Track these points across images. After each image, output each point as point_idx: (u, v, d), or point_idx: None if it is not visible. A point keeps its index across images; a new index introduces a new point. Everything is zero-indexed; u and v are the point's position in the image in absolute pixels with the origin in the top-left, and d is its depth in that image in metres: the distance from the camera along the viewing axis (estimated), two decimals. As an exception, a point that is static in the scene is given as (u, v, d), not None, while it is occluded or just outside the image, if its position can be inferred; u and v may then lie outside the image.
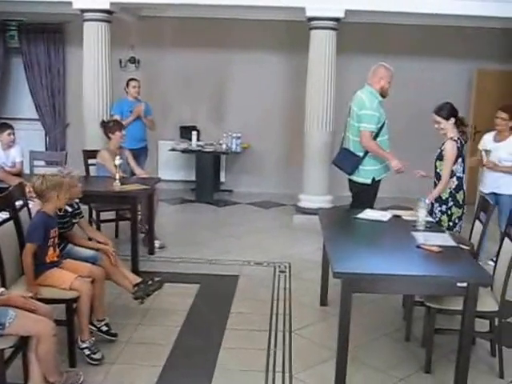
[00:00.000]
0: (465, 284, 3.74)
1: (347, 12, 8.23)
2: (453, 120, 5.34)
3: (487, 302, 4.25)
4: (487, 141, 6.56)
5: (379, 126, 5.95)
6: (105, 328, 4.64)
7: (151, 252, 6.90)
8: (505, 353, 4.37)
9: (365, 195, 6.07)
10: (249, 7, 8.97)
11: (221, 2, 8.68)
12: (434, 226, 4.95)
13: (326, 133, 8.58)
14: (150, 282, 5.01)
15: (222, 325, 5.05)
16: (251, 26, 10.25)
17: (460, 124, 5.43)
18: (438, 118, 5.37)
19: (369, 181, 6.05)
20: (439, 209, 5.35)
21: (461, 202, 5.35)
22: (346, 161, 6.12)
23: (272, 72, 10.53)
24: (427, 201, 5.09)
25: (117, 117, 8.11)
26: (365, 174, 6.05)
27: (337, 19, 8.34)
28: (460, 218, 5.37)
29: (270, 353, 4.59)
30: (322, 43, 8.45)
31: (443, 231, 4.87)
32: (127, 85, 8.45)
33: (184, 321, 5.11)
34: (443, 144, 5.38)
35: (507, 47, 10.25)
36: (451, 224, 5.31)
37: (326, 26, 8.39)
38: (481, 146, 6.65)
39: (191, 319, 5.17)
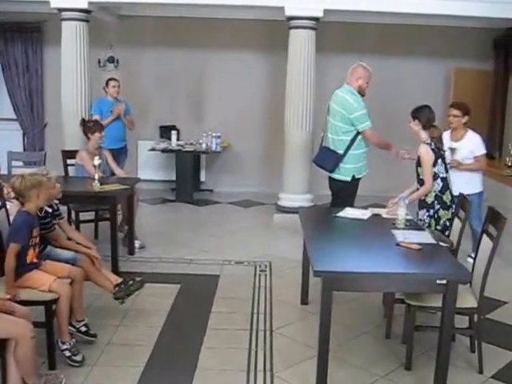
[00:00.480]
0: (444, 281, 3.75)
1: (326, 11, 8.24)
2: (416, 121, 5.30)
3: (466, 299, 4.29)
4: (445, 140, 6.46)
5: None
6: (84, 329, 4.60)
7: (131, 252, 6.88)
8: (484, 348, 4.41)
9: (345, 193, 6.10)
10: (228, 6, 8.96)
11: (200, 2, 8.68)
12: (414, 224, 4.96)
13: (306, 131, 8.59)
14: (130, 283, 4.98)
15: (203, 324, 5.04)
16: (231, 25, 10.26)
17: (432, 133, 5.35)
18: (410, 117, 5.35)
19: (349, 178, 6.07)
20: (427, 214, 5.27)
21: (448, 203, 5.25)
22: (327, 159, 6.15)
23: (252, 71, 10.55)
24: (407, 201, 5.06)
25: (96, 117, 8.07)
26: (345, 171, 6.08)
27: (316, 19, 8.36)
28: (452, 220, 5.20)
29: (252, 352, 4.59)
30: (301, 42, 8.46)
31: (423, 229, 4.89)
32: (107, 84, 8.41)
33: (165, 321, 5.09)
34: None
35: (484, 46, 10.36)
36: (439, 228, 5.20)
37: (305, 26, 8.41)
38: None
39: (172, 319, 5.15)
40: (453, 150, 6.41)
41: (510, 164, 7.53)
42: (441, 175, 5.25)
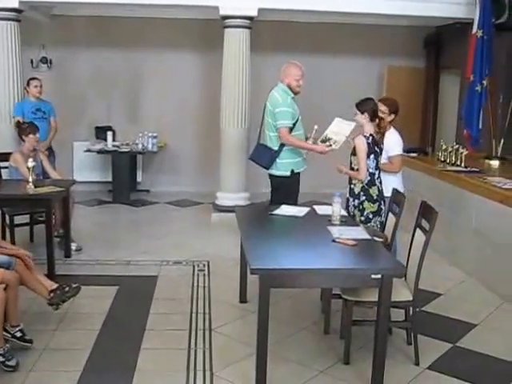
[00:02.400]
0: (379, 275, 3.82)
1: (260, 10, 8.27)
2: (366, 115, 5.40)
3: (401, 292, 4.37)
4: None
5: (294, 122, 6.03)
6: (19, 334, 4.50)
7: (68, 255, 6.77)
8: (420, 340, 4.50)
9: (285, 188, 6.11)
10: (163, 6, 8.89)
11: (133, 1, 8.59)
12: (349, 220, 5.04)
13: (242, 130, 8.60)
14: (66, 289, 4.89)
15: (142, 326, 5.00)
16: (165, 24, 10.20)
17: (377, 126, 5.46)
18: (356, 111, 5.44)
19: (288, 173, 6.09)
20: (353, 203, 5.44)
21: (375, 197, 5.39)
22: (263, 155, 6.18)
23: (187, 70, 10.52)
24: (342, 167, 5.39)
25: (19, 118, 7.95)
26: (282, 166, 6.10)
27: (250, 18, 8.38)
28: (376, 214, 5.39)
29: (191, 352, 4.58)
30: (235, 41, 8.47)
31: (357, 225, 4.97)
32: (28, 84, 8.22)
33: (102, 324, 5.03)
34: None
35: (415, 44, 10.58)
36: (363, 219, 5.37)
37: (240, 25, 8.41)
38: None
39: (110, 322, 5.09)
40: None
41: (442, 159, 7.73)
42: (370, 170, 5.38)
